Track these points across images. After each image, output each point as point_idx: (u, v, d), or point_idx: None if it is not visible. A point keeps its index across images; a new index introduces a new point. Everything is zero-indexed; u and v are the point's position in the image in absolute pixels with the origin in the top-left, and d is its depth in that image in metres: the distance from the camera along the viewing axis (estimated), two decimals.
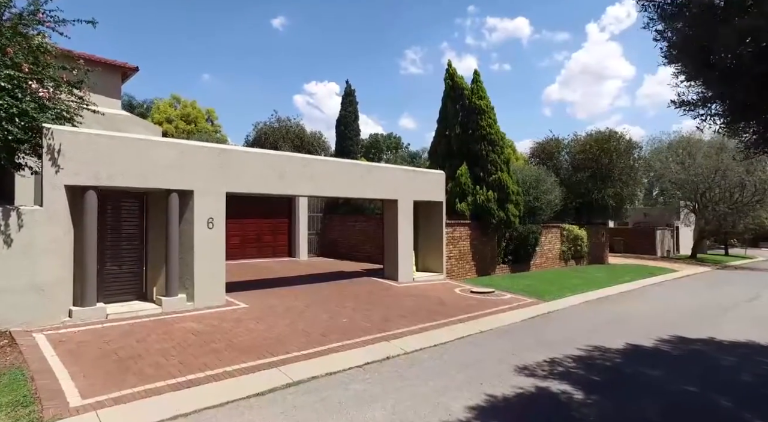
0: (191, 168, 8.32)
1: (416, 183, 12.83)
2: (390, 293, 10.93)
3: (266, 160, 9.53)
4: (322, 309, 8.88)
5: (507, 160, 15.23)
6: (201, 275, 8.36)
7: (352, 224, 17.24)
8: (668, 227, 32.17)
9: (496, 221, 14.62)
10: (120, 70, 15.42)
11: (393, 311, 9.02)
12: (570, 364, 6.40)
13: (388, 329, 7.72)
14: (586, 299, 12.00)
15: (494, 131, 15.09)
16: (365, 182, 11.51)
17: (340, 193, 10.95)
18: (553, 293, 12.10)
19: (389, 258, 12.60)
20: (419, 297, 10.54)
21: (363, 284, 11.86)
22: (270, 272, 13.28)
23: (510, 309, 9.98)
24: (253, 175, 9.26)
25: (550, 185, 17.63)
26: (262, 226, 15.90)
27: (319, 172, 10.50)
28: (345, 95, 30.67)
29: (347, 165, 11.14)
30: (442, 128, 16.21)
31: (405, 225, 12.52)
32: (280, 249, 16.41)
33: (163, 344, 6.31)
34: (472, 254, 14.70)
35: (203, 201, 8.46)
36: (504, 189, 14.77)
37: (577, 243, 19.99)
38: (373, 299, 10.15)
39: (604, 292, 13.23)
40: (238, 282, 11.28)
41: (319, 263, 15.75)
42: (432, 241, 13.70)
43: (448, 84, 15.86)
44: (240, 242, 15.24)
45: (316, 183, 10.41)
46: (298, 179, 10.05)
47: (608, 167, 20.79)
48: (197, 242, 8.33)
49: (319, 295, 10.23)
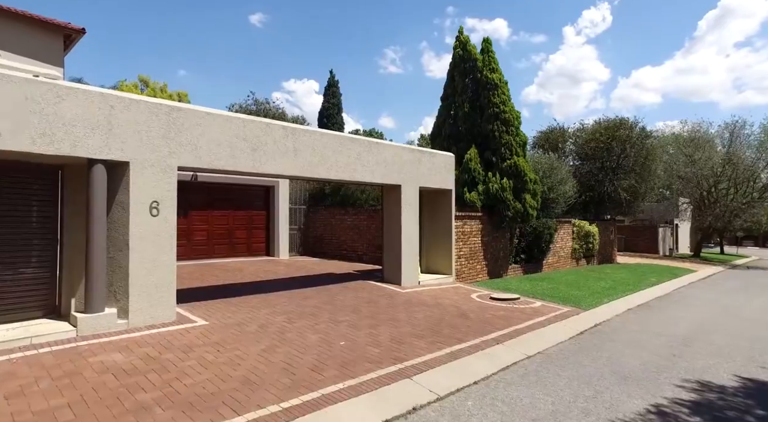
0: (126, 130, 5.89)
1: (422, 166, 10.60)
2: (395, 301, 8.67)
3: (234, 126, 7.15)
4: (310, 327, 6.57)
5: (523, 142, 13.13)
6: (140, 282, 5.95)
7: (341, 217, 14.91)
8: (668, 224, 30.77)
9: (512, 214, 12.51)
10: (61, 31, 12.75)
11: (405, 328, 6.77)
12: (690, 419, 4.26)
13: (405, 356, 5.48)
14: (626, 306, 9.99)
15: (508, 109, 12.97)
16: (363, 163, 9.22)
17: (332, 175, 8.63)
18: (586, 300, 10.05)
19: (390, 257, 10.34)
20: (433, 307, 8.32)
21: (359, 289, 9.57)
22: (242, 274, 10.86)
23: (548, 322, 7.85)
24: (215, 145, 6.87)
25: (565, 174, 15.63)
26: (235, 219, 13.42)
27: (306, 146, 8.17)
28: (328, 86, 28.28)
29: (343, 140, 8.84)
30: (446, 106, 14.02)
31: (409, 217, 10.28)
32: (257, 247, 13.96)
33: (53, 399, 3.90)
34: (483, 252, 12.56)
35: (144, 178, 6.05)
36: (520, 176, 12.66)
37: (589, 241, 18.10)
38: (376, 310, 7.88)
39: (639, 297, 11.26)
40: (199, 289, 8.85)
41: (303, 263, 13.38)
42: (439, 237, 11.50)
43: (457, 54, 13.67)
44: (207, 238, 12.76)
45: (301, 161, 8.08)
46: (277, 154, 7.70)
47: (621, 157, 18.96)
48: (135, 236, 5.92)
49: (305, 306, 7.91)
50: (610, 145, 19.17)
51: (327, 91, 28.15)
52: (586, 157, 19.91)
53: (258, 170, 7.46)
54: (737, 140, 24.01)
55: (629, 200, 18.85)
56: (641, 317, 8.96)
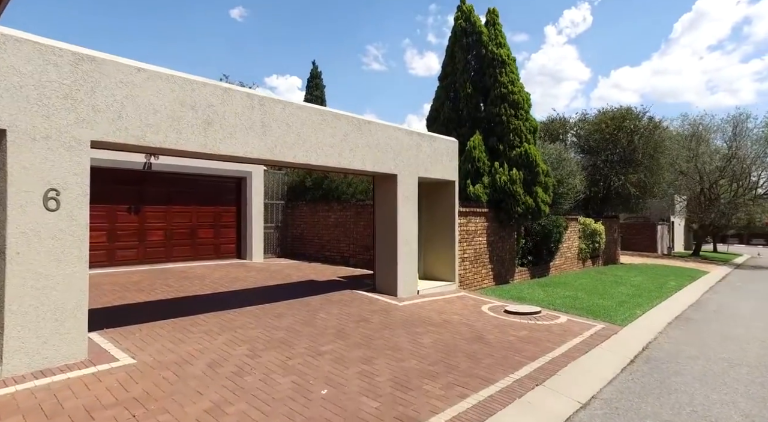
0: (2, 84, 3.99)
1: (422, 153, 8.85)
2: (392, 319, 6.91)
3: (179, 89, 5.28)
4: (281, 363, 4.77)
5: (534, 128, 11.49)
6: (21, 307, 4.06)
7: (325, 214, 13.08)
8: (664, 221, 29.69)
9: (522, 210, 10.86)
10: None
11: (410, 362, 5.03)
12: None
13: (416, 413, 3.73)
14: (664, 319, 8.44)
15: (517, 90, 11.31)
16: (351, 146, 7.42)
17: (311, 159, 6.82)
18: (616, 312, 8.46)
19: (384, 262, 8.58)
20: (440, 327, 6.59)
21: (346, 303, 7.78)
22: (203, 283, 8.97)
23: (586, 345, 6.20)
24: (151, 113, 5.00)
25: (575, 166, 14.07)
26: (199, 216, 11.47)
27: (279, 121, 6.33)
28: (311, 78, 26.51)
29: (326, 115, 7.02)
30: (445, 87, 12.29)
31: (407, 213, 8.53)
32: (225, 249, 12.03)
33: None
34: (489, 254, 10.89)
35: (34, 154, 4.16)
36: (531, 167, 11.01)
37: (595, 240, 16.63)
38: (369, 333, 6.11)
39: (671, 307, 9.74)
40: (139, 306, 6.94)
41: (280, 267, 11.52)
42: (439, 237, 9.79)
43: (458, 26, 11.92)
44: (164, 239, 10.79)
45: (271, 140, 6.24)
46: (239, 131, 5.86)
47: (629, 150, 17.52)
48: (16, 239, 4.03)
49: (277, 328, 6.09)
50: (616, 136, 17.73)
51: (310, 83, 26.25)
52: (589, 149, 18.44)
53: (212, 151, 5.60)
54: (741, 133, 22.91)
55: (637, 195, 17.43)
56: (690, 335, 7.38)
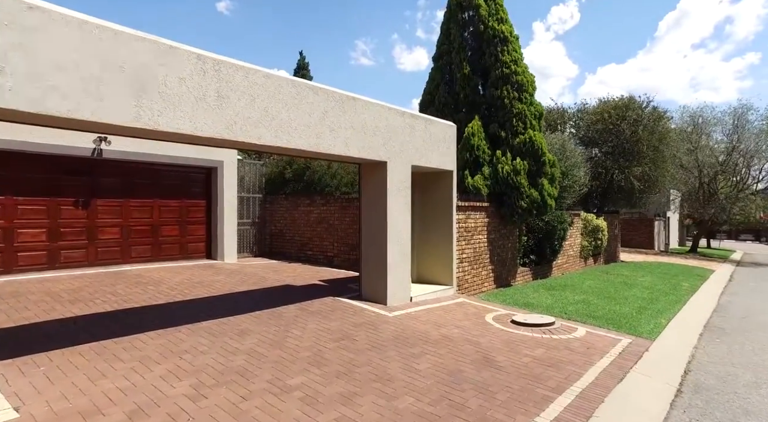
0: None
1: (416, 137, 7.63)
2: (380, 336, 5.69)
3: (99, 41, 3.96)
4: (232, 409, 3.51)
5: (540, 113, 10.32)
6: None
7: (306, 208, 11.80)
8: (660, 217, 28.93)
9: (526, 205, 9.70)
10: None
11: (404, 400, 3.82)
12: None
13: None
14: (693, 329, 7.39)
15: (521, 70, 10.13)
16: (332, 126, 6.16)
17: (282, 141, 5.54)
18: (638, 321, 7.38)
19: (371, 265, 7.35)
20: (439, 346, 5.39)
21: (326, 314, 6.54)
22: (157, 290, 7.64)
23: (617, 368, 5.06)
24: (54, 70, 3.69)
25: (579, 157, 12.98)
26: (162, 211, 10.10)
27: (240, 92, 5.04)
28: (297, 69, 25.77)
29: (300, 87, 5.75)
30: (440, 67, 11.05)
31: (399, 207, 7.31)
32: (194, 248, 10.68)
33: None
34: (489, 254, 9.73)
35: None
36: (537, 156, 9.86)
37: (597, 237, 15.60)
38: (352, 357, 4.88)
39: (694, 313, 8.70)
40: (62, 323, 5.60)
41: (254, 269, 10.23)
42: (435, 234, 8.60)
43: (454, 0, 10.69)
44: (120, 237, 9.41)
45: (229, 114, 4.95)
46: (186, 101, 4.56)
47: (632, 141, 16.50)
48: None
49: (236, 352, 4.83)
50: (618, 127, 16.68)
51: (296, 73, 25.20)
52: (590, 141, 17.39)
53: (147, 125, 4.30)
54: (743, 125, 22.10)
55: (641, 189, 16.44)
56: (731, 352, 6.30)
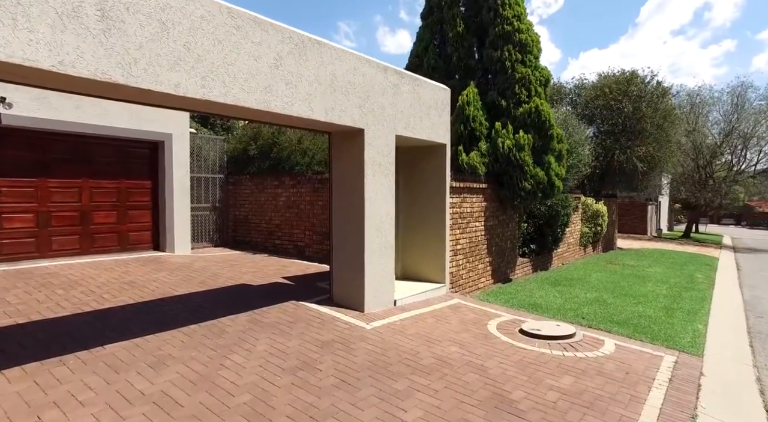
0: None
1: (401, 100, 6.06)
2: (354, 362, 4.20)
3: None
4: None
5: (546, 79, 8.82)
6: None
7: (274, 191, 10.17)
8: (652, 201, 28.05)
9: (531, 186, 8.27)
10: None
11: None
12: None
13: None
14: (740, 338, 6.14)
15: (525, 27, 8.59)
16: (289, 77, 4.55)
17: (213, 94, 3.93)
18: (671, 326, 6.09)
19: (345, 260, 5.83)
20: (433, 377, 3.93)
21: (284, 329, 5.00)
22: (67, 296, 5.99)
23: (674, 405, 3.70)
24: None
25: (583, 134, 11.60)
26: (94, 193, 8.38)
27: (142, 13, 3.39)
28: None
29: (241, 20, 4.13)
30: (430, 26, 9.43)
31: (380, 187, 5.77)
32: (136, 238, 8.99)
33: None
34: (487, 243, 8.32)
35: None
36: (543, 129, 8.40)
37: (597, 222, 14.40)
38: (311, 402, 3.38)
39: (727, 314, 7.48)
40: None
41: (208, 263, 8.63)
42: (425, 221, 7.12)
43: None
44: (35, 226, 7.66)
45: (123, 49, 3.31)
46: (47, 19, 2.90)
47: (635, 119, 15.19)
48: None
49: (139, 398, 3.28)
50: (620, 103, 15.34)
51: None
52: (589, 119, 16.03)
53: (7, 59, 2.65)
54: (742, 104, 21.07)
55: (644, 170, 15.20)
56: None
